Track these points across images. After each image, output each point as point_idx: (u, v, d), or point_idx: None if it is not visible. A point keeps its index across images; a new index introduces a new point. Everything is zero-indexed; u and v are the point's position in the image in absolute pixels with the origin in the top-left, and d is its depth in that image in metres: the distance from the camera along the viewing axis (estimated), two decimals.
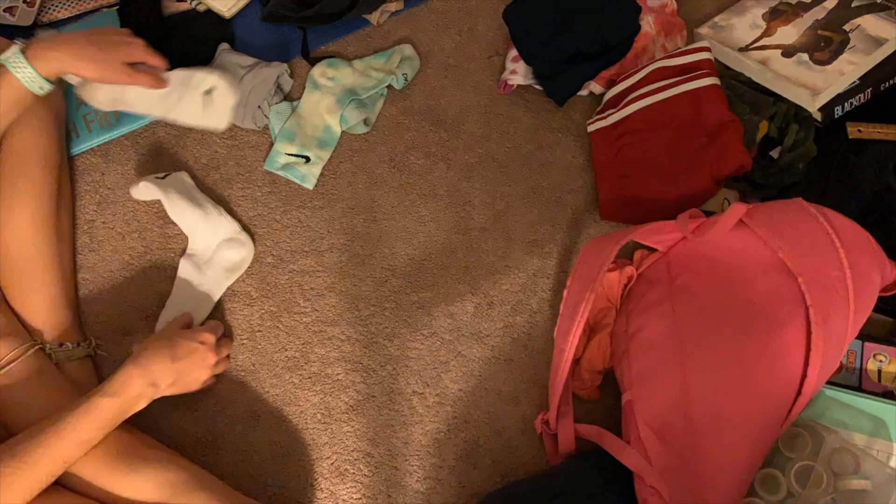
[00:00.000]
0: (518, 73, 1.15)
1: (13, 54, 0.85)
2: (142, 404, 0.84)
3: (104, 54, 0.89)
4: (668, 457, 0.84)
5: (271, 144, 1.12)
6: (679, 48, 1.16)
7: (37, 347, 0.90)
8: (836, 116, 1.08)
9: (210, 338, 0.91)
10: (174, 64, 1.14)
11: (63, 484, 0.81)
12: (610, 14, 1.12)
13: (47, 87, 0.87)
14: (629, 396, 0.90)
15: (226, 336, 1.00)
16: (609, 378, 0.98)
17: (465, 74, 1.19)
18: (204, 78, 0.99)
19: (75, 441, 0.77)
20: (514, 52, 1.16)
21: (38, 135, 0.95)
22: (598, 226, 1.10)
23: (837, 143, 1.08)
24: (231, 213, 1.08)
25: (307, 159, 1.10)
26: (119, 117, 1.11)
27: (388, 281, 1.06)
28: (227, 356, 0.98)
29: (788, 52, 1.11)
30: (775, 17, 1.18)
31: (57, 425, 0.76)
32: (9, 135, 0.92)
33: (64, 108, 1.02)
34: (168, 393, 0.86)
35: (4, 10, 1.14)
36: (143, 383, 0.82)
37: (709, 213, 0.97)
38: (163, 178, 1.05)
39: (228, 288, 1.04)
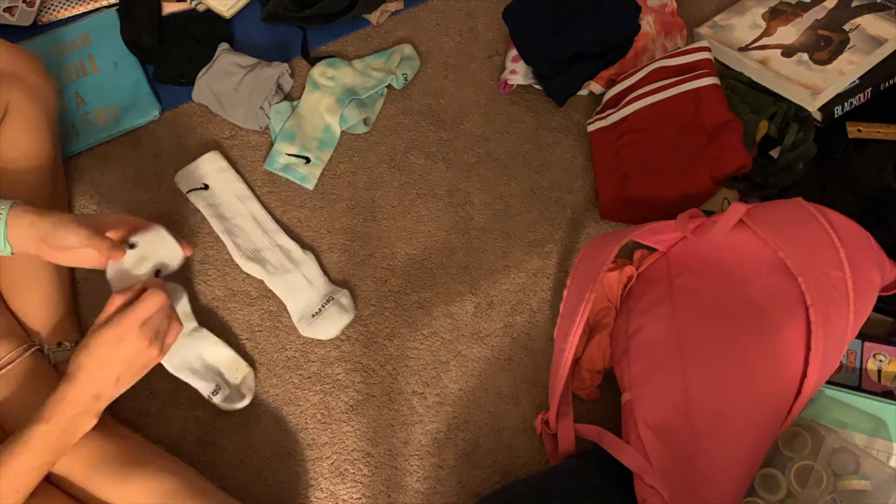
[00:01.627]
0: (518, 73, 1.15)
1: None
2: (88, 421, 0.76)
3: (67, 235, 0.79)
4: (668, 456, 0.84)
5: (271, 144, 1.12)
6: (679, 48, 1.16)
7: (35, 348, 0.90)
8: (835, 116, 1.08)
9: (126, 320, 0.76)
10: (172, 63, 1.15)
11: (57, 487, 0.81)
12: (610, 14, 1.12)
13: (6, 253, 0.78)
14: (629, 396, 0.90)
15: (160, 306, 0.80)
16: (609, 378, 0.98)
17: (465, 74, 1.19)
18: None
19: (21, 472, 0.72)
20: (514, 52, 1.16)
21: (29, 135, 0.94)
22: (598, 226, 1.10)
23: (837, 143, 1.08)
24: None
25: (307, 160, 1.10)
26: (119, 116, 1.11)
27: (388, 281, 1.06)
28: (172, 319, 0.82)
29: (788, 51, 1.11)
30: (775, 16, 1.18)
31: (1, 464, 0.72)
32: (2, 135, 0.92)
33: (57, 107, 1.02)
34: (120, 390, 0.78)
35: (4, 10, 1.14)
36: (77, 396, 0.74)
37: (709, 213, 0.97)
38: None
39: (228, 288, 1.04)
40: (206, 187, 1.07)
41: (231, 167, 1.09)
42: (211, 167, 1.09)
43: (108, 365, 0.76)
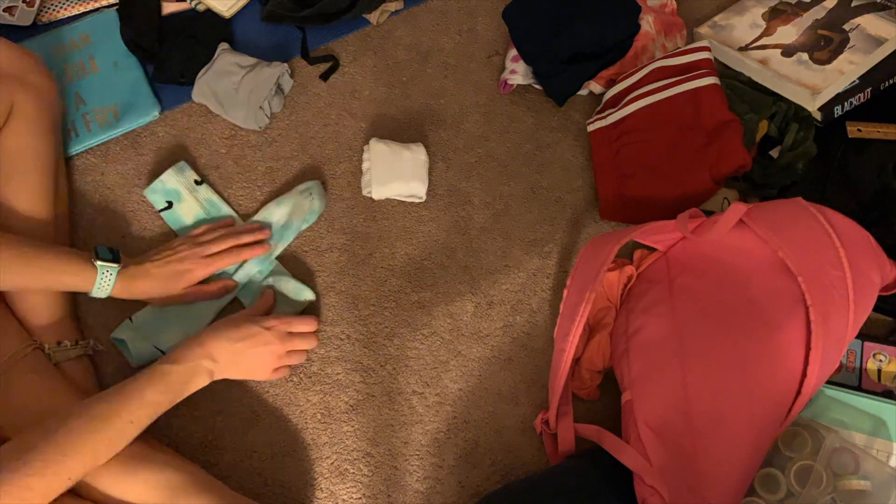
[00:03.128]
0: (518, 73, 1.15)
1: (111, 268, 0.89)
2: (202, 378, 0.87)
3: (171, 286, 0.95)
4: (668, 456, 0.84)
5: (270, 144, 1.12)
6: (679, 48, 1.16)
7: (35, 347, 0.90)
8: (835, 116, 1.08)
9: (278, 325, 0.92)
10: (172, 63, 1.15)
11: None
12: (610, 14, 1.12)
13: (105, 297, 0.91)
14: (629, 396, 0.90)
15: (311, 333, 0.97)
16: (609, 378, 0.98)
17: (465, 74, 1.19)
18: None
19: (142, 403, 0.81)
20: (514, 52, 1.16)
21: (32, 136, 0.95)
22: (597, 225, 1.10)
23: (837, 142, 1.08)
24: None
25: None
26: (119, 116, 1.11)
27: (387, 281, 1.06)
28: (305, 351, 0.98)
29: (788, 51, 1.11)
30: (775, 16, 1.18)
31: (125, 389, 0.81)
32: (3, 137, 0.92)
33: (60, 108, 1.02)
34: (232, 374, 0.90)
35: (4, 10, 1.14)
36: (200, 354, 0.86)
37: (709, 213, 0.97)
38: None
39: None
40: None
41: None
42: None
43: (241, 356, 0.89)
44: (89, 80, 1.14)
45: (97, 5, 1.20)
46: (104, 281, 0.88)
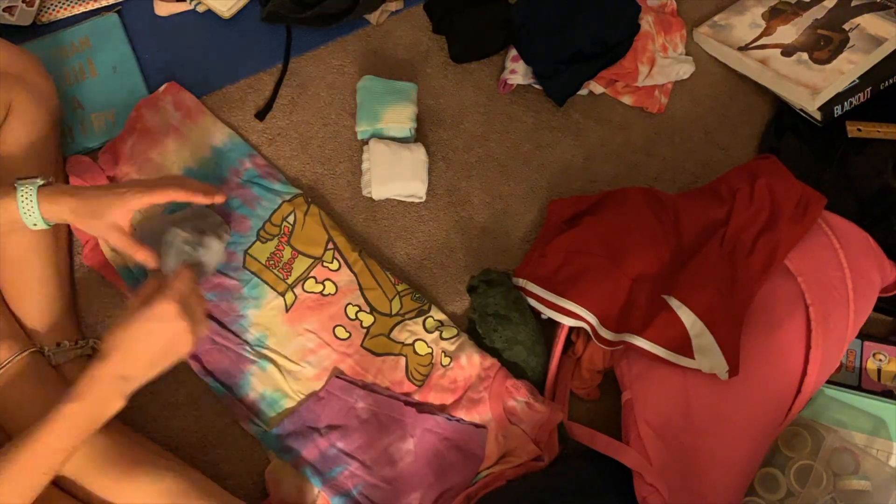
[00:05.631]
0: (518, 73, 1.15)
1: (28, 187, 0.80)
2: (115, 402, 0.74)
3: (98, 211, 0.82)
4: (668, 455, 0.84)
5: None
6: (678, 47, 1.15)
7: (33, 350, 0.90)
8: (835, 115, 1.08)
9: (175, 284, 0.76)
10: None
11: (60, 489, 0.81)
12: (610, 14, 1.12)
13: (41, 226, 0.81)
14: (629, 395, 0.90)
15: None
16: (609, 378, 0.98)
17: (465, 74, 1.19)
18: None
19: (47, 451, 0.71)
20: (514, 52, 1.16)
21: (31, 135, 0.94)
22: None
23: (837, 142, 1.08)
24: None
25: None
26: (116, 122, 1.10)
27: None
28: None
29: (788, 51, 1.12)
30: (775, 16, 1.18)
31: (29, 442, 0.71)
32: (4, 135, 0.92)
33: (58, 107, 1.02)
34: (154, 373, 0.76)
35: (3, 10, 1.14)
36: (108, 376, 0.73)
37: None
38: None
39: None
40: None
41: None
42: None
43: (145, 346, 0.74)
44: (87, 85, 1.13)
45: (97, 5, 1.19)
46: (25, 198, 0.79)
